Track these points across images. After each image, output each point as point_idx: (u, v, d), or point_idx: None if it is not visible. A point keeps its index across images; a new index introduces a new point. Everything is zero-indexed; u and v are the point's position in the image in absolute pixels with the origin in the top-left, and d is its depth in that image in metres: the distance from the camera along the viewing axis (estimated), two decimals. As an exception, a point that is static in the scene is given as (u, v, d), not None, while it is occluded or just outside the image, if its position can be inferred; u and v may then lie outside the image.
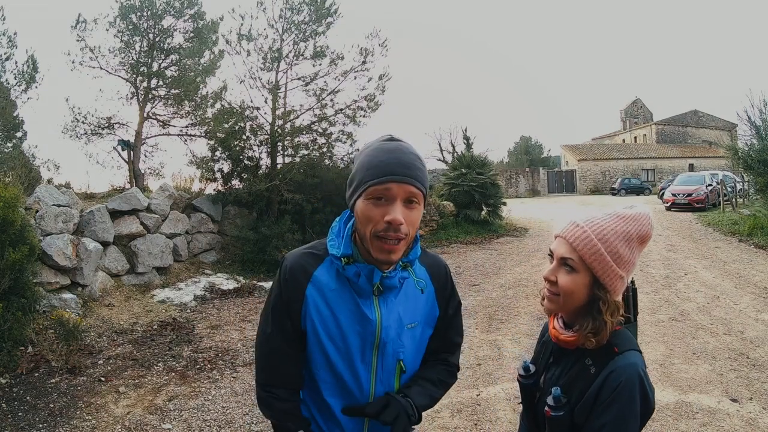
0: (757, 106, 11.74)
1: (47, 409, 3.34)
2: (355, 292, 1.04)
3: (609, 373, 0.95)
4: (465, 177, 13.32)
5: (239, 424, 3.19)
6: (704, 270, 7.48)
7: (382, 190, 0.94)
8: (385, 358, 1.07)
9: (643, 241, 1.02)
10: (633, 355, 0.97)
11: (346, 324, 1.04)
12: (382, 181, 0.94)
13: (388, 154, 0.96)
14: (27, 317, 4.24)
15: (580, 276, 1.00)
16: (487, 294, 6.59)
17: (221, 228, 8.31)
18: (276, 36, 8.61)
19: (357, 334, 1.04)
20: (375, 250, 0.97)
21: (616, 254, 0.98)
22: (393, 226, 0.93)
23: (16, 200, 4.25)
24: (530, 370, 1.15)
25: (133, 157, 9.07)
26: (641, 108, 47.17)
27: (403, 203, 0.95)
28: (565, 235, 1.02)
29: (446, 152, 27.60)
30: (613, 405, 0.93)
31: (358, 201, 0.97)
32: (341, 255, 1.02)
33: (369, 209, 0.95)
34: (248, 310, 6.02)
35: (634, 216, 1.01)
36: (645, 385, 0.94)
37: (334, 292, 1.04)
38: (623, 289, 1.02)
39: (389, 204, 0.95)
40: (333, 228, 1.09)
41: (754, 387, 3.47)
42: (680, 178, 19.41)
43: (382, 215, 0.94)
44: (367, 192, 0.95)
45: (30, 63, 8.12)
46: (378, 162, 0.95)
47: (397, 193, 0.94)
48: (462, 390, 3.61)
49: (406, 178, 0.94)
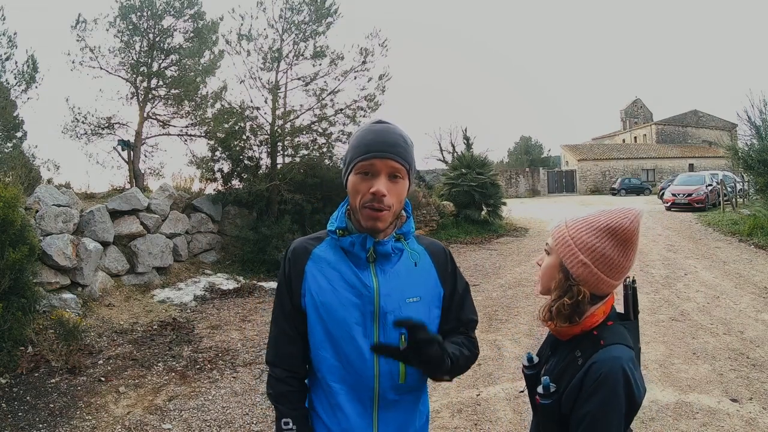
0: (757, 106, 11.75)
1: (47, 409, 3.34)
2: (352, 263, 1.10)
3: (591, 364, 0.97)
4: (465, 177, 13.33)
5: (239, 424, 3.19)
6: (704, 270, 7.48)
7: (368, 165, 1.04)
8: (387, 331, 1.08)
9: (613, 233, 1.02)
10: (618, 349, 0.98)
11: (344, 296, 1.07)
12: (367, 158, 1.04)
13: (374, 134, 1.06)
14: (27, 317, 4.24)
15: (552, 257, 1.09)
16: (487, 294, 6.59)
17: (221, 228, 8.31)
18: (276, 36, 8.61)
19: (356, 306, 1.07)
20: (363, 219, 1.06)
21: (579, 240, 1.04)
22: (377, 197, 1.03)
23: (16, 200, 4.25)
24: (533, 360, 1.20)
25: (133, 157, 9.07)
26: (641, 108, 47.17)
27: (387, 177, 1.05)
28: (550, 228, 1.14)
29: (446, 152, 27.64)
30: (595, 395, 0.94)
31: (350, 176, 1.07)
32: (336, 228, 1.11)
33: (357, 183, 1.05)
34: (248, 310, 6.03)
35: (612, 210, 1.06)
36: (631, 379, 0.94)
37: (331, 264, 1.10)
38: (593, 284, 1.03)
39: (374, 178, 1.04)
40: (333, 214, 1.17)
41: (754, 387, 3.48)
42: (680, 178, 19.41)
43: (368, 188, 1.04)
44: (355, 168, 1.06)
45: (30, 63, 8.12)
46: (365, 141, 1.05)
47: (380, 168, 1.04)
48: (462, 390, 3.62)
49: (388, 154, 1.04)
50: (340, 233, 1.10)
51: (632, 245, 1.04)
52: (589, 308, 1.05)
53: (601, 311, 1.05)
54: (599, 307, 1.06)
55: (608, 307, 1.07)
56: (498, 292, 6.65)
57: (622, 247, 1.03)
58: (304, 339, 1.13)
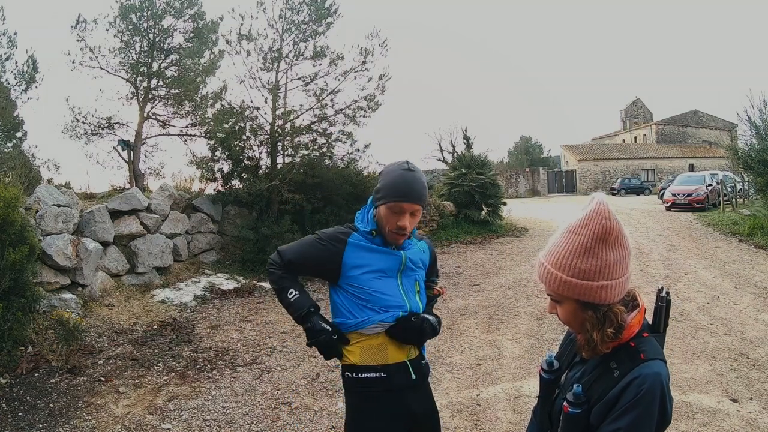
0: (757, 106, 11.72)
1: (47, 409, 3.34)
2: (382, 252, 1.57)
3: (632, 379, 0.94)
4: (465, 177, 13.32)
5: (239, 424, 3.19)
6: (704, 270, 7.48)
7: (397, 207, 1.49)
8: (405, 279, 1.58)
9: (605, 239, 0.98)
10: (659, 364, 0.96)
11: (381, 260, 1.54)
12: (398, 201, 1.49)
13: (405, 184, 1.49)
14: (27, 317, 4.24)
15: (566, 305, 1.04)
16: (487, 294, 6.59)
17: (221, 228, 8.30)
18: (276, 36, 8.60)
19: (389, 266, 1.55)
20: (389, 238, 1.54)
21: (580, 272, 0.98)
22: (401, 229, 1.51)
23: (16, 200, 4.25)
24: (554, 365, 1.15)
25: (133, 157, 9.06)
26: (641, 108, 47.16)
27: (409, 214, 1.51)
28: (537, 275, 1.08)
29: (446, 152, 27.54)
30: (631, 411, 0.91)
31: (382, 206, 1.52)
32: (370, 230, 1.56)
33: (388, 216, 1.51)
34: (248, 310, 6.03)
35: (583, 221, 1.00)
36: (666, 396, 0.92)
37: (366, 248, 1.55)
38: (618, 293, 1.00)
39: (401, 215, 1.50)
40: (357, 217, 1.63)
41: (754, 387, 3.48)
42: (680, 178, 19.40)
43: (396, 221, 1.50)
44: (387, 205, 1.50)
45: (30, 63, 8.12)
46: (398, 187, 1.49)
47: (406, 209, 1.50)
48: (462, 390, 3.62)
49: (413, 200, 1.50)
50: (374, 233, 1.56)
51: (623, 235, 1.00)
52: (629, 317, 1.02)
53: (636, 321, 1.02)
54: (635, 316, 1.02)
55: (642, 317, 1.03)
56: (498, 292, 6.65)
57: (617, 244, 0.99)
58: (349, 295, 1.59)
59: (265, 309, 6.06)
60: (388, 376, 1.49)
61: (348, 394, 1.55)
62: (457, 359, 4.24)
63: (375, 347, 1.50)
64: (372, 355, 1.50)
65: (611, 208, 0.99)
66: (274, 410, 3.39)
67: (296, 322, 1.57)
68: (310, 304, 1.55)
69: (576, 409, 0.99)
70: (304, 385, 3.79)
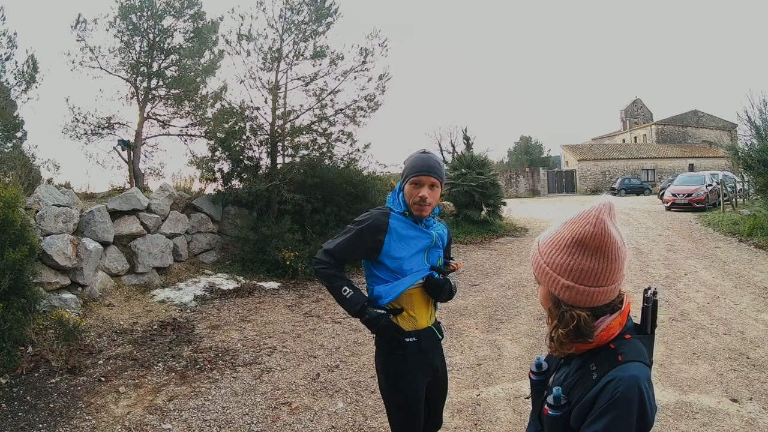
0: (757, 106, 11.75)
1: (47, 409, 3.34)
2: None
3: (608, 381, 0.92)
4: (465, 177, 13.31)
5: (239, 424, 3.19)
6: (704, 270, 7.48)
7: (417, 180, 1.75)
8: (432, 255, 1.86)
9: (583, 244, 0.96)
10: (636, 367, 0.94)
11: (414, 237, 1.80)
12: (417, 174, 1.75)
13: (422, 160, 1.76)
14: (27, 317, 4.24)
15: (541, 289, 1.08)
16: (487, 294, 6.59)
17: (221, 228, 8.30)
18: (276, 36, 8.59)
19: (421, 244, 1.81)
20: (414, 210, 1.78)
21: (554, 263, 1.00)
22: (422, 199, 1.75)
23: (16, 200, 4.25)
24: (542, 367, 1.15)
25: (133, 157, 9.06)
26: (641, 108, 47.17)
27: (429, 187, 1.76)
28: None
29: (446, 152, 27.50)
30: (607, 414, 0.90)
31: (406, 184, 1.78)
32: (402, 211, 1.80)
33: (410, 189, 1.77)
34: (248, 310, 6.02)
35: (574, 219, 0.99)
36: (645, 400, 0.90)
37: (403, 227, 1.79)
38: (585, 300, 0.98)
39: (421, 187, 1.75)
40: (388, 200, 1.87)
41: (754, 387, 3.48)
42: (680, 178, 19.40)
43: (417, 193, 1.75)
44: (409, 180, 1.77)
45: (30, 63, 8.11)
46: (416, 164, 1.76)
47: (425, 181, 1.75)
48: (462, 390, 3.62)
49: (430, 173, 1.75)
50: (406, 214, 1.80)
51: (608, 247, 0.96)
52: (607, 320, 0.99)
53: (617, 323, 0.99)
54: (615, 318, 0.99)
55: (624, 319, 1.01)
56: (498, 292, 6.65)
57: (597, 254, 0.96)
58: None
59: (265, 309, 6.06)
60: (419, 340, 1.79)
61: (384, 358, 1.82)
62: (457, 359, 4.23)
63: (406, 318, 1.79)
64: (406, 324, 1.79)
65: (607, 218, 0.96)
66: (274, 410, 3.39)
67: (352, 316, 1.80)
68: (363, 299, 1.77)
69: (556, 412, 0.99)
70: (304, 385, 3.79)
